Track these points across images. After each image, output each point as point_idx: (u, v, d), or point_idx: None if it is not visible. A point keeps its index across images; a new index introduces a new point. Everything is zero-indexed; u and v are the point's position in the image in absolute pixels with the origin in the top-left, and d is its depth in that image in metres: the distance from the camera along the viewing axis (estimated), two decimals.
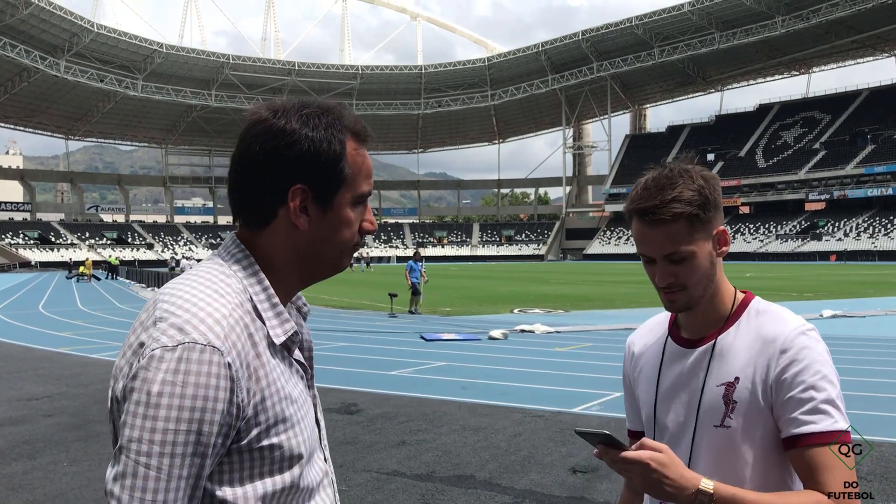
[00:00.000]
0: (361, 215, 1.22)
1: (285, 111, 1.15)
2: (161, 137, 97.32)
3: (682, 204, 1.38)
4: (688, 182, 1.40)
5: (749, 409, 1.38)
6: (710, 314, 1.48)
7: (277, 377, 1.11)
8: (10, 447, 6.22)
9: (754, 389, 1.38)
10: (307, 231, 1.16)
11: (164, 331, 1.02)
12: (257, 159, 1.13)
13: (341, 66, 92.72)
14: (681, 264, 1.41)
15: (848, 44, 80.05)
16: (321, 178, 1.15)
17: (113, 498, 0.99)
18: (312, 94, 76.30)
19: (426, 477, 5.27)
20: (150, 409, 0.98)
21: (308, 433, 1.15)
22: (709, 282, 1.44)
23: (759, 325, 1.42)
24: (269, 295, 1.15)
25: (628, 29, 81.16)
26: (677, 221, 1.38)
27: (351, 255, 1.23)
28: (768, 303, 1.48)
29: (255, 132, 1.14)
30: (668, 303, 1.46)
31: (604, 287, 30.39)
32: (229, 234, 1.21)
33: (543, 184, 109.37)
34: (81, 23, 71.29)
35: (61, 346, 13.01)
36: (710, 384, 1.43)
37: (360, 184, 1.20)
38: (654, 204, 1.39)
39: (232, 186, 1.18)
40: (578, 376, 9.58)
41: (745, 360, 1.40)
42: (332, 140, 1.15)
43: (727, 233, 1.46)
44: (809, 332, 1.38)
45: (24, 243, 75.18)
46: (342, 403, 7.83)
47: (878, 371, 9.71)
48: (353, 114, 1.22)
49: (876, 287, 28.49)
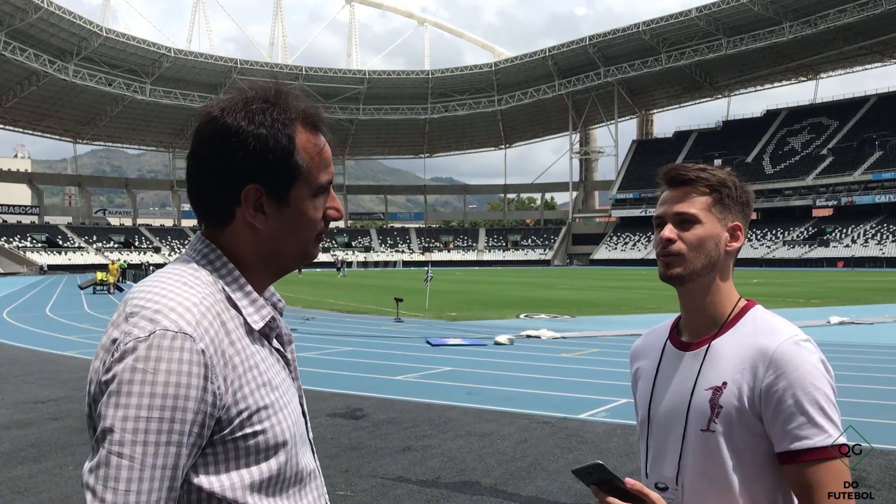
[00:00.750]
0: (325, 204, 1.19)
1: (232, 108, 1.12)
2: (169, 141, 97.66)
3: (708, 175, 1.47)
4: (723, 171, 1.51)
5: (734, 416, 1.37)
6: (709, 317, 1.48)
7: (257, 363, 1.09)
8: (15, 450, 6.23)
9: (741, 396, 1.37)
10: (266, 229, 1.14)
11: (135, 324, 1.01)
12: (208, 162, 1.12)
13: (348, 71, 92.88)
14: (686, 229, 1.45)
15: (856, 50, 79.80)
16: (273, 175, 1.12)
17: (88, 489, 0.98)
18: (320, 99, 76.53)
19: (431, 483, 5.25)
20: (121, 398, 0.97)
21: (293, 419, 1.13)
22: (708, 262, 1.45)
23: (753, 332, 1.42)
24: (241, 284, 1.14)
25: (635, 34, 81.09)
26: (697, 187, 1.46)
27: (317, 244, 1.21)
28: (767, 312, 1.47)
29: (204, 133, 1.13)
30: (663, 267, 1.48)
31: (610, 293, 30.32)
32: (196, 234, 1.21)
33: (550, 189, 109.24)
34: (90, 27, 71.61)
35: (67, 350, 13.03)
36: (699, 387, 1.43)
37: (318, 175, 1.16)
38: (685, 167, 1.49)
39: (188, 188, 1.17)
40: (585, 382, 9.55)
41: (734, 366, 1.39)
42: (279, 135, 1.12)
43: (742, 231, 1.50)
44: (803, 343, 1.36)
45: (31, 246, 75.44)
46: (347, 408, 7.82)
47: (886, 378, 9.65)
48: (303, 101, 1.18)
49: (884, 294, 28.36)
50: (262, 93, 1.15)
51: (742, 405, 1.36)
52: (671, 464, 1.45)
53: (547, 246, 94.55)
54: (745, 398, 1.36)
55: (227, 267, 1.15)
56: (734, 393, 1.37)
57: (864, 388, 8.67)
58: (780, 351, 1.35)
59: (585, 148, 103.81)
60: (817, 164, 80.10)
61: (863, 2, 68.02)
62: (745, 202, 1.50)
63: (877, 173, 73.82)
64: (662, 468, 1.47)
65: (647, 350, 1.62)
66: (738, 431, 1.37)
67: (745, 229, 1.51)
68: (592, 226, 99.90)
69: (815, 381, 1.32)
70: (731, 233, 1.48)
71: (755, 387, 1.35)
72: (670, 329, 1.58)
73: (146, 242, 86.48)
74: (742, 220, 1.50)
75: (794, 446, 1.31)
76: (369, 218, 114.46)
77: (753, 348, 1.38)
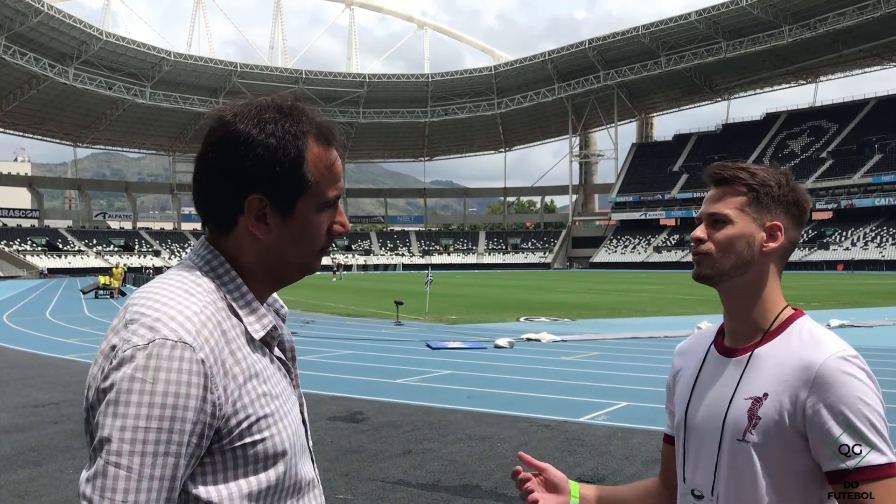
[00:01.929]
0: (331, 218, 1.17)
1: (244, 115, 1.10)
2: (169, 145, 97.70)
3: (747, 174, 1.43)
4: (769, 170, 1.46)
5: (772, 428, 1.33)
6: (750, 323, 1.44)
7: (257, 373, 1.09)
8: (16, 454, 6.23)
9: (781, 409, 1.32)
10: (268, 239, 1.13)
11: (134, 331, 1.00)
12: (214, 168, 1.10)
13: (348, 75, 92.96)
14: (718, 228, 1.43)
15: (855, 53, 79.87)
16: (279, 187, 1.10)
17: (84, 499, 0.97)
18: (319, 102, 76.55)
19: (432, 486, 5.25)
20: (119, 408, 0.96)
21: (293, 429, 1.12)
22: (739, 262, 1.41)
23: (799, 344, 1.36)
24: (244, 292, 1.13)
25: (635, 38, 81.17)
26: (735, 186, 1.44)
27: (319, 257, 1.20)
28: (815, 324, 1.42)
29: (213, 138, 1.11)
30: (694, 266, 1.47)
31: (610, 296, 30.32)
32: (200, 239, 1.19)
33: (550, 192, 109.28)
34: (90, 31, 71.68)
35: (68, 353, 13.03)
36: (738, 396, 1.38)
37: (326, 190, 1.14)
38: (725, 166, 1.46)
39: (194, 190, 1.15)
40: (585, 385, 9.55)
41: (777, 377, 1.35)
42: (289, 147, 1.10)
43: (782, 231, 1.43)
44: (851, 359, 1.30)
45: (31, 250, 75.44)
46: (348, 412, 7.82)
47: (886, 381, 9.65)
48: (317, 114, 1.16)
49: (884, 297, 28.37)
50: (277, 103, 1.13)
51: (782, 419, 1.32)
52: (707, 472, 1.42)
53: (547, 249, 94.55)
54: (787, 412, 1.31)
55: (229, 274, 1.13)
56: (774, 406, 1.33)
57: None
58: (826, 366, 1.29)
59: (585, 151, 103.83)
60: (817, 167, 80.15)
61: (862, 5, 68.09)
62: (792, 201, 1.44)
63: (876, 176, 73.86)
64: (697, 476, 1.44)
65: (692, 351, 1.58)
66: (775, 445, 1.33)
67: (791, 230, 1.44)
68: (592, 229, 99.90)
69: (864, 396, 1.27)
70: (768, 232, 1.42)
71: (798, 402, 1.30)
72: (716, 333, 1.54)
73: (146, 246, 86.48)
74: (785, 220, 1.43)
75: (845, 465, 1.26)
76: (369, 221, 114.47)
77: (798, 361, 1.33)
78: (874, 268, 64.63)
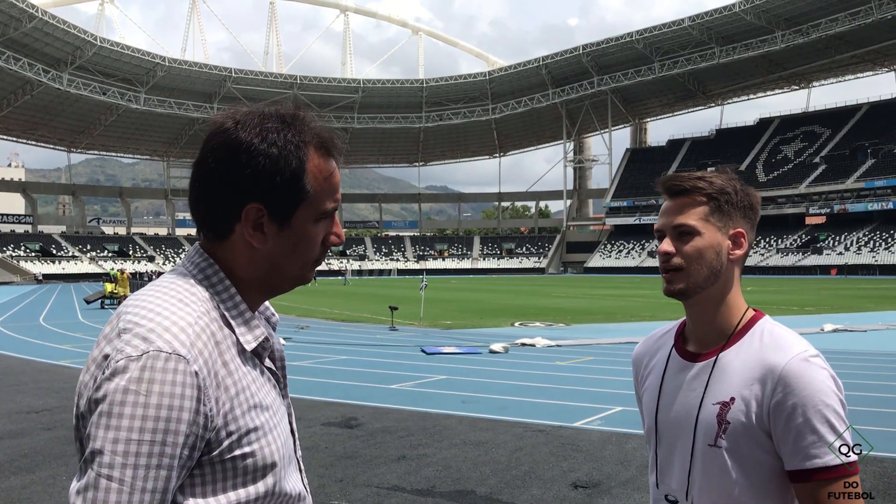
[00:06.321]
0: (326, 229, 1.17)
1: (246, 123, 1.10)
2: (163, 150, 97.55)
3: (706, 183, 1.43)
4: (722, 176, 1.46)
5: (741, 431, 1.35)
6: (716, 328, 1.45)
7: (248, 385, 1.08)
8: (8, 460, 6.20)
9: (748, 412, 1.34)
10: (264, 249, 1.12)
11: (128, 341, 0.99)
12: (212, 175, 1.10)
13: (343, 80, 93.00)
14: (685, 241, 1.42)
15: (848, 58, 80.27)
16: (277, 197, 1.10)
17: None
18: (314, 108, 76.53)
19: (426, 492, 5.24)
20: (112, 420, 0.95)
21: (282, 441, 1.12)
22: (711, 274, 1.42)
23: (762, 346, 1.38)
24: (237, 302, 1.12)
25: (629, 43, 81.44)
26: (695, 197, 1.43)
27: (313, 268, 1.19)
28: (776, 324, 1.44)
29: (213, 144, 1.10)
30: (666, 283, 1.45)
31: (605, 301, 30.34)
32: (194, 245, 1.19)
33: (544, 197, 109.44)
34: (84, 36, 71.55)
35: (61, 359, 12.98)
36: (707, 401, 1.40)
37: (324, 200, 1.14)
38: (682, 177, 1.46)
39: (190, 196, 1.14)
40: (580, 390, 9.55)
41: (742, 381, 1.37)
42: (290, 157, 1.09)
43: (745, 237, 1.45)
44: (813, 360, 1.33)
45: (25, 255, 75.17)
46: (342, 417, 7.81)
47: (880, 386, 9.67)
48: (319, 125, 1.16)
49: (877, 301, 28.45)
50: (279, 112, 1.13)
51: (750, 421, 1.34)
52: (680, 477, 1.43)
53: (541, 254, 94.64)
54: (754, 414, 1.34)
55: (223, 283, 1.12)
56: (742, 409, 1.35)
57: (857, 395, 8.69)
58: (788, 368, 1.32)
59: (579, 156, 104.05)
60: (810, 172, 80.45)
61: (854, 11, 68.44)
62: (747, 206, 1.45)
63: (869, 181, 74.16)
64: (671, 480, 1.46)
65: (651, 357, 1.58)
66: (746, 448, 1.35)
67: (750, 234, 1.47)
68: (587, 234, 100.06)
69: (825, 398, 1.30)
70: (733, 240, 1.44)
71: (763, 403, 1.33)
72: (675, 337, 1.55)
73: (140, 251, 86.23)
74: (745, 226, 1.46)
75: (806, 465, 1.29)
76: (364, 226, 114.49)
77: (762, 364, 1.35)
78: (867, 272, 64.83)
